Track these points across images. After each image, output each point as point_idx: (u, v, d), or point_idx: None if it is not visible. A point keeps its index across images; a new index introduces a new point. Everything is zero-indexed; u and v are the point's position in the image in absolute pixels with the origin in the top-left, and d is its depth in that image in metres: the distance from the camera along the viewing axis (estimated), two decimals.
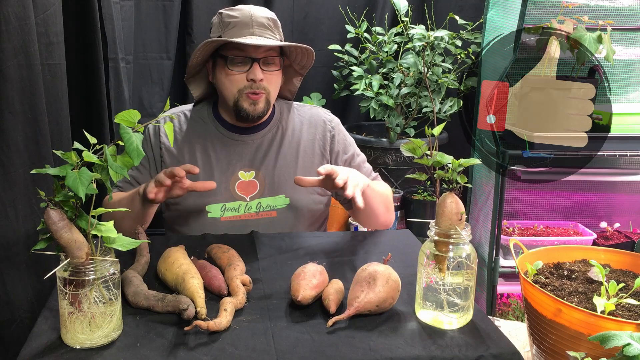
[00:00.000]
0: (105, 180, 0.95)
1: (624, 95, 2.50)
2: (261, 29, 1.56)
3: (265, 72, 1.57)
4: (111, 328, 0.96)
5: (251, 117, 1.59)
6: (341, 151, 1.72)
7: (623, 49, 2.44)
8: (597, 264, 1.12)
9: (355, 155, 1.75)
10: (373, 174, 1.78)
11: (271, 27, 1.59)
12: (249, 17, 1.56)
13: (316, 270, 1.12)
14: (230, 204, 1.61)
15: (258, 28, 1.56)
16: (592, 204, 2.66)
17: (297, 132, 1.70)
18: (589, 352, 0.94)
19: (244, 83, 1.57)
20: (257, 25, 1.56)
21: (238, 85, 1.57)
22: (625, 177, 2.52)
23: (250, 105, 1.58)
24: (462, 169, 1.05)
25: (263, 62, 1.57)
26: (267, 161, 1.65)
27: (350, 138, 1.78)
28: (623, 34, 2.43)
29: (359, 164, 1.74)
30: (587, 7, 2.37)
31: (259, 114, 1.59)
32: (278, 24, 1.63)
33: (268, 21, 1.58)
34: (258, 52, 1.55)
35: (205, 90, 1.70)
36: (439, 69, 2.54)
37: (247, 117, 1.59)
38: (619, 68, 2.46)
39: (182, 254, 1.18)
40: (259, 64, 1.55)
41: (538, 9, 2.34)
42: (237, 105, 1.58)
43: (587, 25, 2.19)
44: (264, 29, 1.57)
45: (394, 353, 0.95)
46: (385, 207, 1.66)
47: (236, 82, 1.57)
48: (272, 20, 1.60)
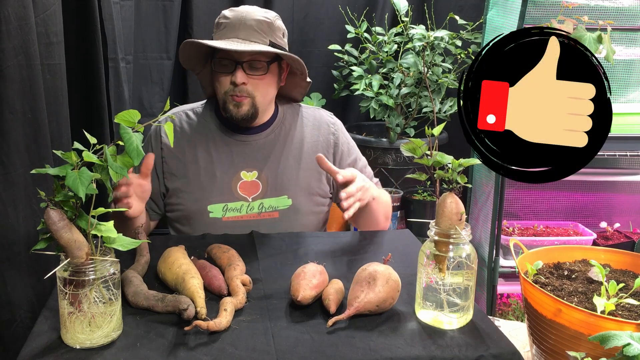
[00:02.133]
0: (105, 180, 0.95)
1: (624, 95, 2.50)
2: (247, 32, 1.54)
3: (250, 76, 1.56)
4: (111, 328, 0.96)
5: (235, 119, 1.59)
6: (345, 154, 1.72)
7: (623, 49, 2.44)
8: (597, 264, 1.12)
9: (357, 160, 1.75)
10: (374, 179, 1.78)
11: (262, 30, 1.56)
12: (240, 20, 1.55)
13: (316, 270, 1.12)
14: (232, 204, 1.61)
15: (244, 31, 1.54)
16: (592, 204, 2.66)
17: (300, 134, 1.70)
18: (589, 352, 0.94)
19: (228, 86, 1.56)
20: (245, 28, 1.54)
21: (224, 87, 1.57)
22: (625, 177, 2.53)
23: (234, 107, 1.57)
24: (462, 169, 1.05)
25: (249, 67, 1.55)
26: (270, 162, 1.65)
27: (352, 142, 1.78)
28: (623, 34, 2.43)
29: (360, 168, 1.73)
30: (587, 7, 2.37)
31: (242, 116, 1.58)
32: (273, 27, 1.59)
33: (259, 24, 1.55)
34: (242, 55, 1.54)
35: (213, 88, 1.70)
36: (439, 69, 2.54)
37: (232, 119, 1.59)
38: (619, 68, 2.46)
39: (182, 254, 1.18)
40: (242, 68, 1.54)
41: (538, 9, 2.34)
42: (224, 107, 1.59)
43: (587, 25, 2.19)
44: (251, 32, 1.54)
45: (394, 353, 0.95)
46: (385, 216, 1.68)
47: (222, 84, 1.57)
48: (265, 23, 1.56)
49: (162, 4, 2.50)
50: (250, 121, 1.61)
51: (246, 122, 1.61)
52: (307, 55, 2.72)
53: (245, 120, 1.60)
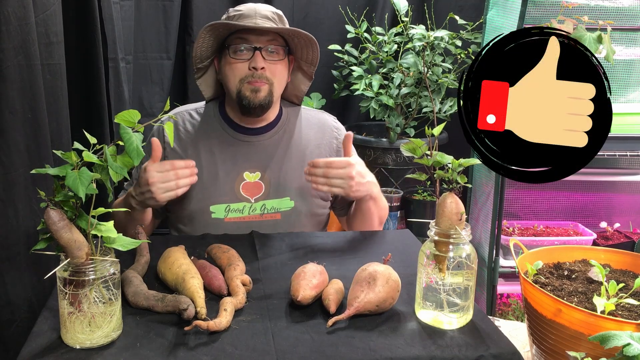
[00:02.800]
0: (105, 180, 0.95)
1: (624, 95, 2.50)
2: (264, 20, 1.58)
3: (267, 61, 1.57)
4: (111, 328, 0.96)
5: (252, 106, 1.56)
6: None
7: (623, 49, 2.44)
8: (597, 264, 1.12)
9: None
10: None
11: (275, 20, 1.60)
12: (253, 10, 1.59)
13: (316, 270, 1.12)
14: (235, 205, 1.61)
15: (261, 19, 1.57)
16: (592, 204, 2.66)
17: (305, 136, 1.70)
18: (589, 352, 0.94)
19: (245, 72, 1.56)
20: (261, 16, 1.58)
21: (240, 74, 1.56)
22: (625, 177, 2.53)
23: (252, 93, 1.56)
24: (462, 169, 1.05)
25: (266, 52, 1.57)
26: (273, 163, 1.65)
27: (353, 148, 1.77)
28: (623, 34, 2.43)
29: None
30: (587, 7, 2.37)
31: (260, 102, 1.57)
32: (284, 20, 1.65)
33: (273, 14, 1.61)
34: (260, 40, 1.56)
35: (215, 90, 1.70)
36: (439, 69, 2.54)
37: (248, 106, 1.57)
38: (619, 68, 2.46)
39: (182, 254, 1.18)
40: (261, 53, 1.55)
41: (538, 9, 2.34)
42: (240, 94, 1.57)
43: (587, 25, 2.19)
44: (267, 20, 1.58)
45: (394, 353, 0.95)
46: (380, 221, 1.68)
47: (238, 71, 1.57)
48: (276, 14, 1.62)
49: (162, 4, 2.50)
50: (265, 110, 1.60)
51: (261, 111, 1.60)
52: None
53: (261, 108, 1.58)
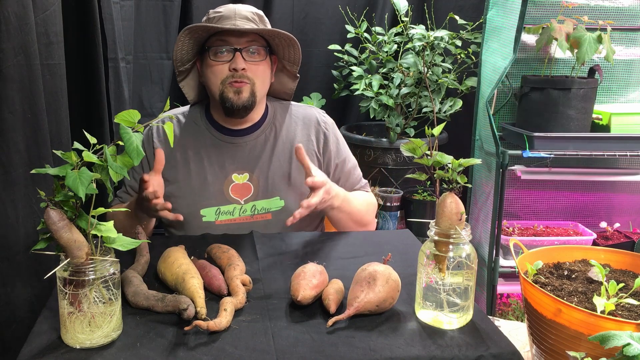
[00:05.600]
0: (105, 180, 0.95)
1: (624, 95, 2.50)
2: (244, 21, 1.57)
3: (248, 62, 1.56)
4: (111, 328, 0.96)
5: (236, 107, 1.56)
6: (333, 154, 1.71)
7: (623, 49, 2.44)
8: (597, 264, 1.12)
9: (346, 161, 1.73)
10: (363, 181, 1.77)
11: (255, 20, 1.60)
12: (233, 11, 1.59)
13: (316, 270, 1.12)
14: (225, 208, 1.61)
15: (240, 20, 1.57)
16: (592, 204, 2.66)
17: (291, 133, 1.69)
18: (589, 352, 0.94)
19: (226, 73, 1.56)
20: (240, 17, 1.58)
21: (221, 75, 1.56)
22: (625, 177, 2.52)
23: (235, 95, 1.56)
24: (462, 169, 1.05)
25: (246, 53, 1.57)
26: (260, 163, 1.64)
27: (343, 142, 1.76)
28: (623, 34, 2.43)
29: (349, 169, 1.73)
30: (587, 7, 2.37)
31: (243, 104, 1.56)
32: (264, 19, 1.64)
33: (252, 15, 1.60)
34: (240, 42, 1.56)
35: (199, 93, 1.70)
36: (439, 69, 2.55)
37: (232, 108, 1.57)
38: (619, 68, 2.46)
39: (182, 254, 1.18)
40: (241, 54, 1.55)
41: (538, 9, 2.34)
42: (222, 96, 1.57)
43: (587, 25, 2.20)
44: (247, 21, 1.58)
45: (394, 353, 0.95)
46: (356, 223, 1.65)
47: (219, 72, 1.56)
48: (257, 15, 1.62)
49: (162, 4, 2.50)
50: (248, 111, 1.60)
51: (244, 112, 1.59)
52: (307, 55, 2.72)
53: (245, 109, 1.58)
